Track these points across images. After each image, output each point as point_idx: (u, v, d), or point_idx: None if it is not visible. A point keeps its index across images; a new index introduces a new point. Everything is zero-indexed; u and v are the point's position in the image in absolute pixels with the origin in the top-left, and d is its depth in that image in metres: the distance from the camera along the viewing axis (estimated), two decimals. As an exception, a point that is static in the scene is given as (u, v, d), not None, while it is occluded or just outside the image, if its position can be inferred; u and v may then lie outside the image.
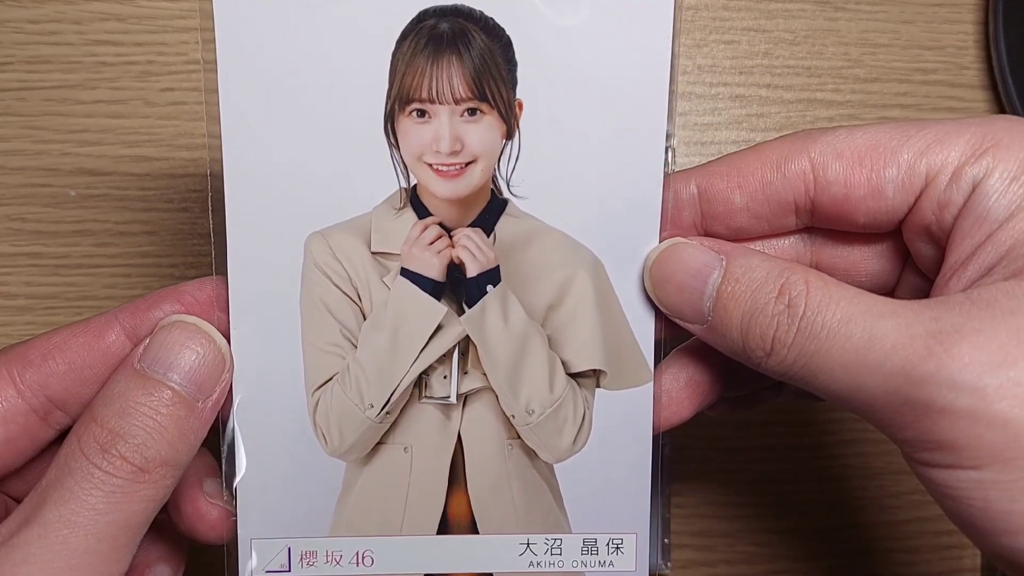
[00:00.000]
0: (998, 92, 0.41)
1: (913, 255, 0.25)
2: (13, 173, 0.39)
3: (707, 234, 0.26)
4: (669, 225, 0.26)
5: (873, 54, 0.42)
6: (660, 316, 0.26)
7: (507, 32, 0.24)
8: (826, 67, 0.41)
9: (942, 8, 0.42)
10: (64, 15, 0.39)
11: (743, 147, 0.25)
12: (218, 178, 0.25)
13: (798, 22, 0.41)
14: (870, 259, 0.26)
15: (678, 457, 0.40)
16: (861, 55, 0.41)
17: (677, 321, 0.25)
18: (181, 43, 0.39)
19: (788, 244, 0.26)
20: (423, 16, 0.24)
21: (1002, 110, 0.41)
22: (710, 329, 0.24)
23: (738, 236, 0.26)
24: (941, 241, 0.23)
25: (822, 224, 0.25)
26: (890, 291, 0.26)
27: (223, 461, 0.26)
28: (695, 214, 0.26)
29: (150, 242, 0.39)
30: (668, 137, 0.24)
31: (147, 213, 0.39)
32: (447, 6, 0.24)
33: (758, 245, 0.26)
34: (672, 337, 0.27)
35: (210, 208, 0.25)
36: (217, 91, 0.24)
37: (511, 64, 0.25)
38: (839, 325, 0.21)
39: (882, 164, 0.23)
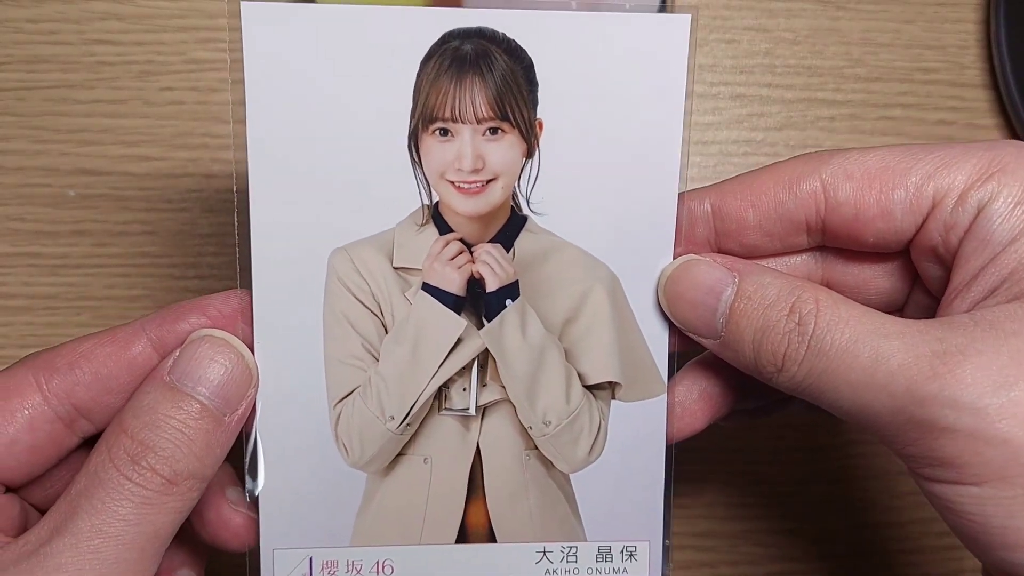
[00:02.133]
0: (999, 91, 0.41)
1: (921, 275, 0.25)
2: (12, 173, 0.39)
3: (720, 251, 0.27)
4: (683, 242, 0.26)
5: (874, 53, 0.41)
6: (674, 330, 0.27)
7: (528, 54, 0.25)
8: (827, 66, 0.41)
9: (943, 7, 0.42)
10: (63, 14, 0.39)
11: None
12: (244, 193, 0.25)
13: (799, 21, 0.41)
14: (880, 277, 0.26)
15: (679, 458, 0.39)
16: (862, 54, 0.41)
17: (691, 335, 0.26)
18: (180, 42, 0.39)
19: (800, 261, 0.27)
20: (447, 38, 0.25)
21: (1003, 109, 0.41)
22: (723, 344, 0.25)
23: (751, 253, 0.26)
24: (947, 262, 0.24)
25: (832, 243, 0.26)
26: (900, 308, 0.27)
27: (245, 472, 0.27)
28: (709, 231, 0.26)
29: (150, 242, 0.39)
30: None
31: (147, 213, 0.39)
32: (471, 28, 0.25)
33: (770, 262, 0.27)
34: (687, 350, 0.27)
35: (235, 223, 0.25)
36: (244, 103, 0.25)
37: (532, 85, 0.25)
38: (848, 344, 0.22)
39: (891, 186, 0.24)
